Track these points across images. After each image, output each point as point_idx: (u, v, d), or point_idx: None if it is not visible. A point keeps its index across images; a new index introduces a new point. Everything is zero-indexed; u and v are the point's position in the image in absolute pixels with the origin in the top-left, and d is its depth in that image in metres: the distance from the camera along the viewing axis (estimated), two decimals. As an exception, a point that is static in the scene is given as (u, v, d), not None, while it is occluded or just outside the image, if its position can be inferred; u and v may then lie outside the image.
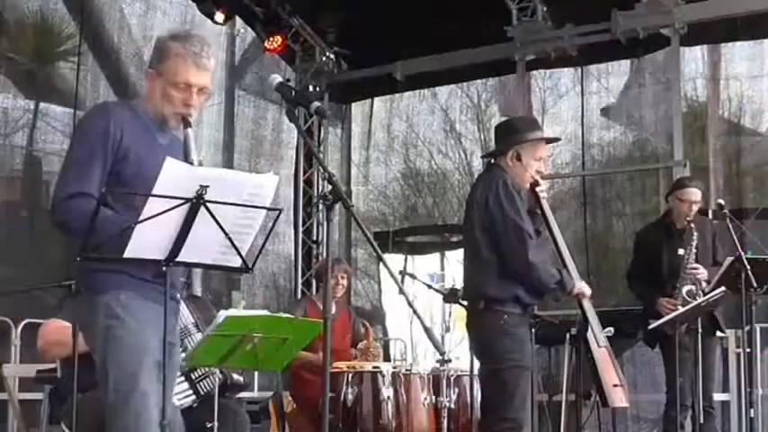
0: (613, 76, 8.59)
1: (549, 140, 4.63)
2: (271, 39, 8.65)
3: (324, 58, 9.19)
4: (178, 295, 3.11)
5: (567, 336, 5.79)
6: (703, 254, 5.64)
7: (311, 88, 9.16)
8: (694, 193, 5.65)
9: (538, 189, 4.37)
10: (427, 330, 2.80)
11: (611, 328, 5.00)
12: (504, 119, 6.29)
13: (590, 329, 4.47)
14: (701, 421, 5.41)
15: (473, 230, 4.28)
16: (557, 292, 4.30)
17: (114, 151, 2.92)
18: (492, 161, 4.51)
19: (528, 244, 4.16)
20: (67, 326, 3.55)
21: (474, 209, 4.28)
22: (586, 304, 4.45)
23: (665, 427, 5.64)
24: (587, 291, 4.42)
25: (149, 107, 3.07)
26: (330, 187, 2.74)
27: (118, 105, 3.19)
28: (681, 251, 5.62)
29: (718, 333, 5.85)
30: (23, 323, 6.41)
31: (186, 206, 2.67)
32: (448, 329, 6.00)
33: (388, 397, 5.33)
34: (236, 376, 4.28)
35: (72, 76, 7.50)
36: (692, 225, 5.58)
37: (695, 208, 5.65)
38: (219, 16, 8.13)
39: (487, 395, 4.28)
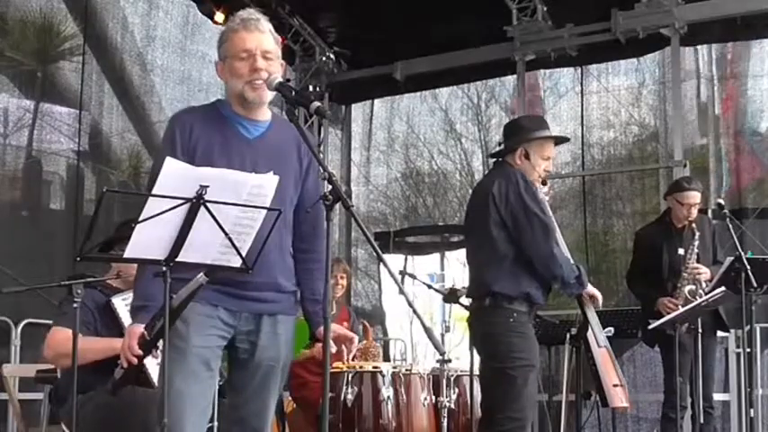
0: (613, 75, 8.60)
1: (558, 140, 4.59)
2: (271, 39, 8.64)
3: (324, 58, 9.20)
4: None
5: (567, 336, 5.80)
6: (703, 253, 5.64)
7: (311, 88, 9.17)
8: (694, 197, 5.64)
9: (540, 188, 4.37)
10: (427, 330, 2.80)
11: (611, 328, 5.00)
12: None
13: (590, 329, 4.46)
14: (702, 421, 5.41)
15: (487, 225, 4.20)
16: (576, 287, 4.27)
17: (185, 150, 2.95)
18: (499, 159, 4.48)
19: (552, 238, 4.15)
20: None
21: (489, 203, 4.19)
22: (587, 304, 4.45)
23: (663, 427, 5.64)
24: (599, 294, 4.42)
25: (231, 99, 3.07)
26: (330, 187, 2.73)
27: (185, 110, 3.20)
28: (681, 251, 5.63)
29: (720, 333, 5.85)
30: (23, 323, 6.41)
31: (186, 206, 2.67)
32: (448, 329, 5.99)
33: (388, 397, 5.33)
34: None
35: (74, 76, 7.50)
36: (694, 226, 5.58)
37: (694, 211, 5.65)
38: (219, 16, 8.13)
39: (494, 394, 4.23)
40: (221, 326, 2.96)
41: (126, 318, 3.79)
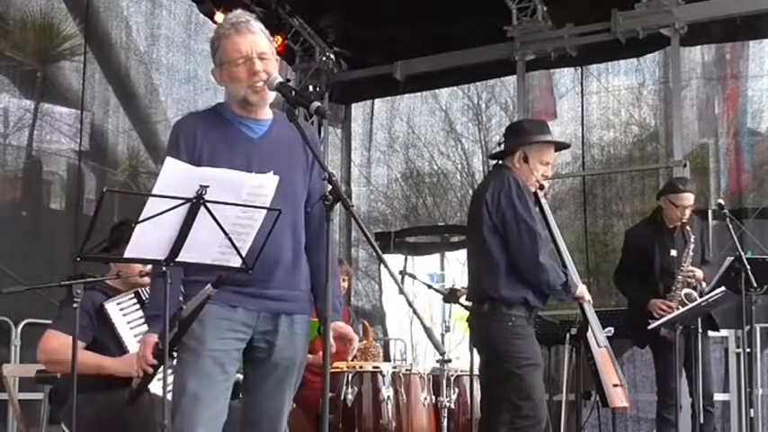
0: (613, 75, 8.60)
1: (559, 145, 4.58)
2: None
3: (324, 58, 9.21)
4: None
5: (567, 336, 5.82)
6: (694, 254, 5.61)
7: (311, 88, 9.17)
8: (687, 198, 5.60)
9: (539, 190, 4.38)
10: (427, 330, 2.80)
11: (611, 328, 5.00)
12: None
13: (590, 329, 4.47)
14: (701, 421, 5.41)
15: (481, 230, 4.23)
16: (562, 293, 4.30)
17: (192, 153, 2.94)
18: (499, 162, 4.49)
19: (539, 245, 4.16)
20: (70, 343, 3.54)
21: (483, 208, 4.22)
22: (586, 305, 4.46)
23: (659, 428, 5.64)
24: (587, 295, 4.43)
25: (232, 102, 3.07)
26: (330, 187, 2.74)
27: (188, 116, 3.21)
28: (673, 252, 5.60)
29: (711, 332, 5.83)
30: (23, 323, 6.41)
31: (186, 206, 2.67)
32: (448, 329, 6.00)
33: (388, 397, 5.33)
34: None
35: (74, 76, 7.50)
36: (688, 228, 5.55)
37: (688, 213, 5.61)
38: (219, 16, 8.11)
39: (501, 394, 4.23)
40: (239, 328, 2.95)
41: (120, 324, 3.78)
